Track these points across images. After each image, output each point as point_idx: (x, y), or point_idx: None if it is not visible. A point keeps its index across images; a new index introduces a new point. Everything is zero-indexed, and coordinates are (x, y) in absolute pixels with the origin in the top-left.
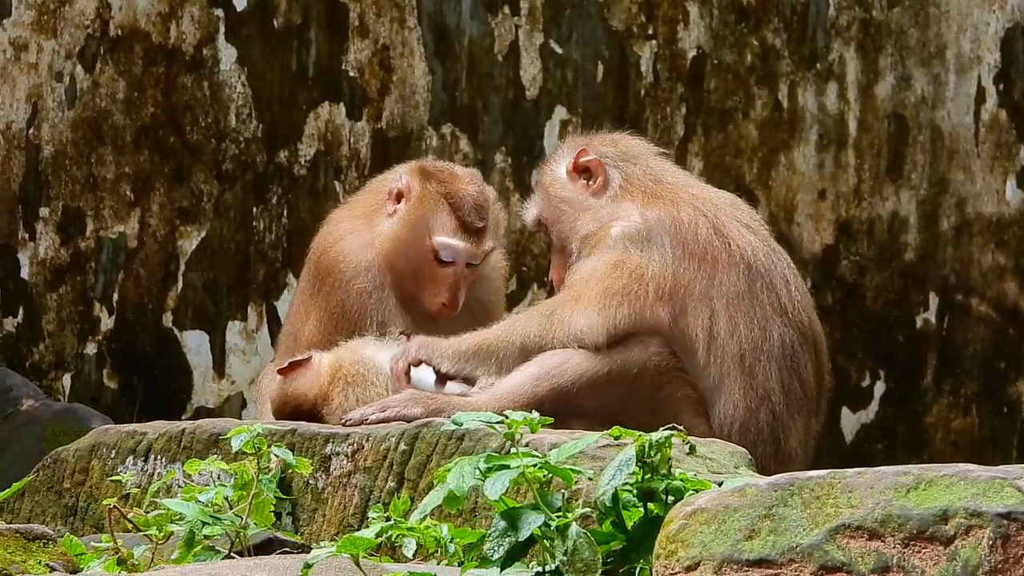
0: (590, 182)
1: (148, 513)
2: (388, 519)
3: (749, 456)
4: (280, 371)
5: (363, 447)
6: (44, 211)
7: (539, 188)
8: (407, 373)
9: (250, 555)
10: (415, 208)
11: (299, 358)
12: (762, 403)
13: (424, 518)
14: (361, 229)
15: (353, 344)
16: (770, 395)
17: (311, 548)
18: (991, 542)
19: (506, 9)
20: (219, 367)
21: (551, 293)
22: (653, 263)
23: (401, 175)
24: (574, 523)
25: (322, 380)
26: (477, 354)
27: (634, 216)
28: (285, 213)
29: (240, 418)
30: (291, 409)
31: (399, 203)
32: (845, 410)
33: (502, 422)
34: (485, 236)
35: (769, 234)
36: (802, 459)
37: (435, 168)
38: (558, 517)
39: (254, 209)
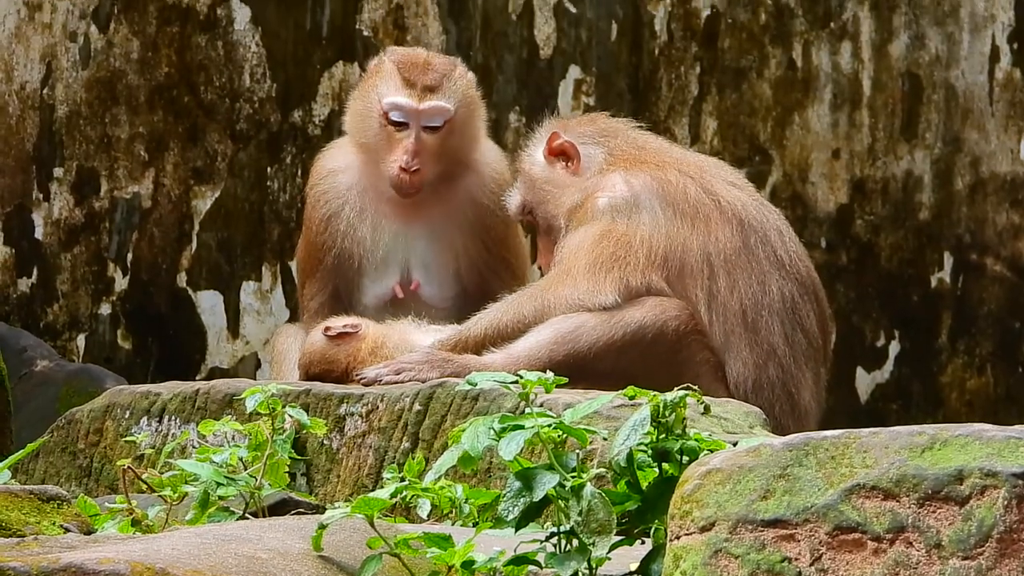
0: (568, 164)
1: (162, 474)
2: (403, 479)
3: (764, 416)
4: (328, 333)
5: (378, 407)
6: (58, 171)
7: (520, 175)
8: None
9: (264, 516)
10: (368, 79)
11: (349, 329)
12: (769, 358)
13: (439, 478)
14: (341, 143)
15: (400, 325)
16: (775, 349)
17: (326, 509)
18: (1006, 502)
19: None
20: (233, 327)
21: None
22: (642, 227)
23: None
24: (589, 483)
25: (361, 351)
26: (471, 343)
27: (619, 185)
28: (299, 173)
29: (254, 378)
30: (320, 370)
31: None
32: (860, 370)
33: (517, 382)
34: (435, 93)
35: (755, 190)
36: (816, 412)
37: (402, 48)
38: (573, 477)
39: (268, 169)
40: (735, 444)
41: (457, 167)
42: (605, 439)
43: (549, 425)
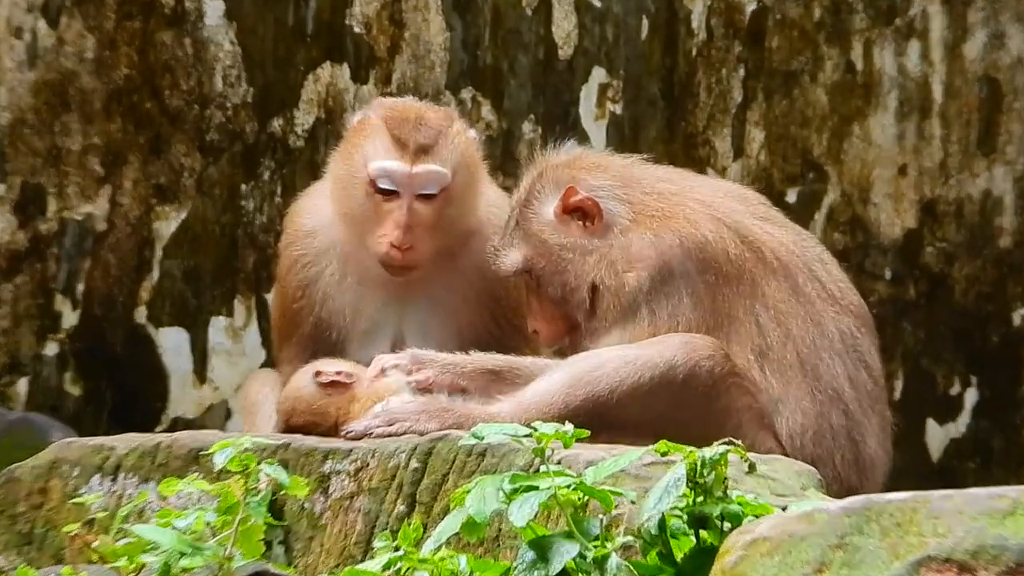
0: (585, 223)
1: (116, 541)
2: (397, 549)
3: (818, 476)
4: (318, 379)
5: (368, 464)
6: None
7: (523, 234)
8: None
9: None
10: (353, 137)
11: (343, 379)
12: (833, 404)
13: (439, 548)
14: (321, 191)
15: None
16: (840, 393)
17: None
18: None
19: None
20: (200, 371)
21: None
22: (683, 313)
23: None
24: (614, 554)
25: (353, 403)
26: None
27: (647, 252)
28: (279, 191)
29: (224, 430)
30: (305, 421)
31: None
32: (931, 422)
33: (530, 435)
34: (429, 155)
35: (784, 218)
36: (884, 462)
37: (391, 100)
38: (595, 547)
39: (243, 186)
40: (784, 508)
41: (457, 238)
42: (633, 502)
43: (568, 486)
